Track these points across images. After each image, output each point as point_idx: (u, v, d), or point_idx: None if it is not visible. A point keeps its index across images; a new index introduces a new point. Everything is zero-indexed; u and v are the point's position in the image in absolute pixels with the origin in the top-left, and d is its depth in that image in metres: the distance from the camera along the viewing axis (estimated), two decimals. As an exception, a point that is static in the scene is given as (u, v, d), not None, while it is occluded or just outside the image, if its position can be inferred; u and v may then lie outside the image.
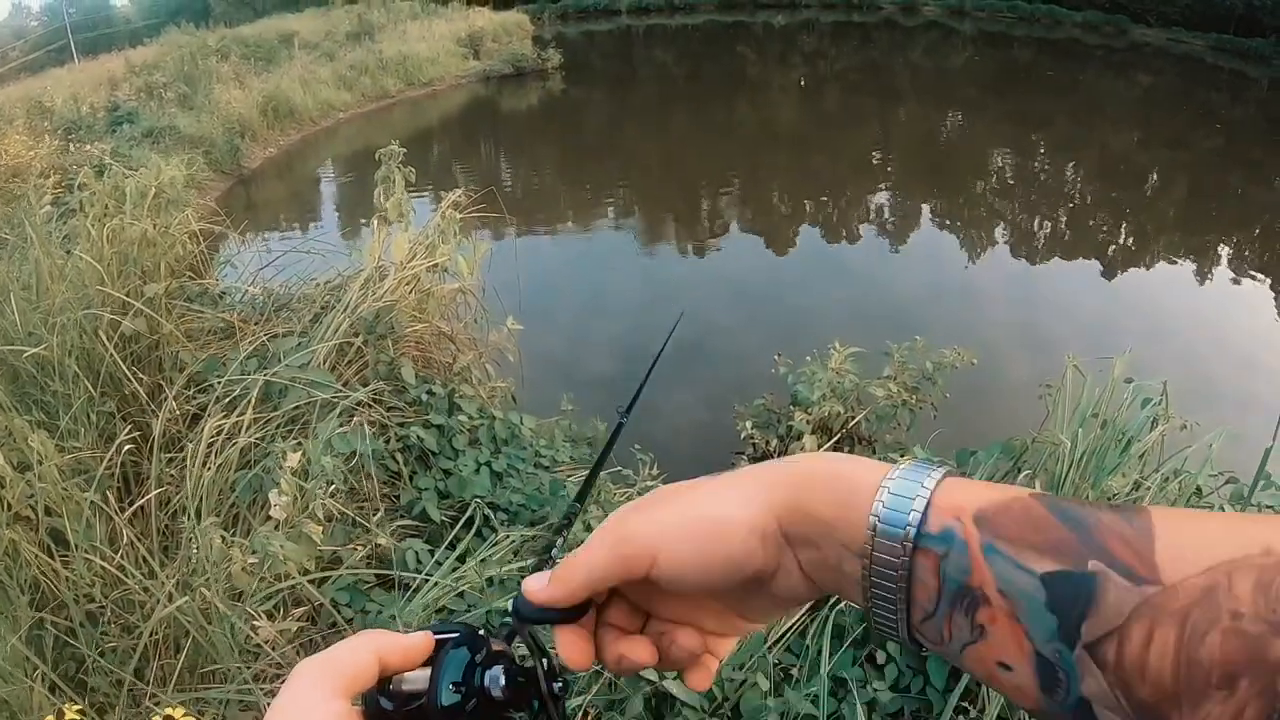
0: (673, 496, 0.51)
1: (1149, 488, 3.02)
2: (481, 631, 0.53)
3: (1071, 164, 13.25)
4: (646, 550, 0.49)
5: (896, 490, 0.44)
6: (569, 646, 0.53)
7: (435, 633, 0.53)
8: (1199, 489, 3.08)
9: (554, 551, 0.59)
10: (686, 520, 0.49)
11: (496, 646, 0.53)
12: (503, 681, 0.51)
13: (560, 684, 0.54)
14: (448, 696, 0.50)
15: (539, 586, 0.52)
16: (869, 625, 0.46)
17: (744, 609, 0.53)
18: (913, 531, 0.43)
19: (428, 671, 0.51)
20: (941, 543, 0.43)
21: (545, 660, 0.53)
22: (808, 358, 4.74)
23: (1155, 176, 12.58)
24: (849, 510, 0.45)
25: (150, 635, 2.58)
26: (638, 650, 0.53)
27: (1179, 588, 0.37)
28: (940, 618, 0.44)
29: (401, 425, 3.79)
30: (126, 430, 3.26)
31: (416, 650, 0.51)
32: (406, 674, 0.51)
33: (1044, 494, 0.43)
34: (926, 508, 0.43)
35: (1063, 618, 0.39)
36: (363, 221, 8.79)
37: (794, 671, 2.52)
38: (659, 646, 0.54)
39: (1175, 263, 9.57)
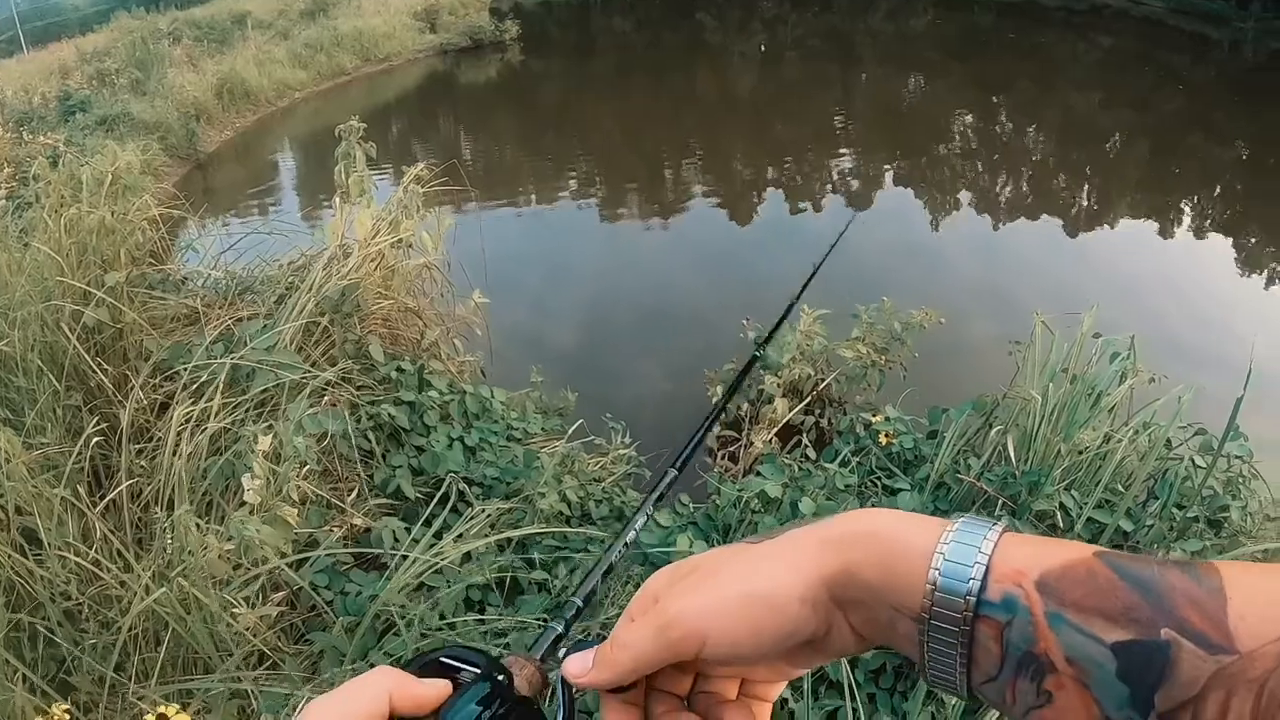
0: (716, 571, 0.49)
1: (1119, 440, 3.06)
2: (501, 677, 0.52)
3: (1033, 126, 13.30)
4: (695, 633, 0.47)
5: (952, 556, 0.43)
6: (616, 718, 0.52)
7: (449, 658, 0.52)
8: (1169, 441, 3.13)
9: (561, 646, 0.59)
10: (737, 599, 0.47)
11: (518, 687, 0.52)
12: None
13: None
14: None
15: (581, 669, 0.50)
16: (923, 678, 0.45)
17: (794, 661, 0.52)
18: (973, 600, 0.42)
19: None
20: (1004, 610, 0.41)
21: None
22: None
23: (1117, 138, 12.66)
24: (899, 574, 0.44)
25: (129, 629, 2.56)
26: None
27: (1255, 655, 0.36)
28: (1003, 682, 0.42)
29: (372, 404, 3.77)
30: (94, 423, 3.22)
31: (429, 700, 0.49)
32: None
33: (1106, 552, 0.41)
34: (986, 574, 0.42)
35: (1135, 687, 0.38)
36: (323, 198, 8.70)
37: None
38: (707, 718, 0.52)
39: (1138, 222, 9.66)
